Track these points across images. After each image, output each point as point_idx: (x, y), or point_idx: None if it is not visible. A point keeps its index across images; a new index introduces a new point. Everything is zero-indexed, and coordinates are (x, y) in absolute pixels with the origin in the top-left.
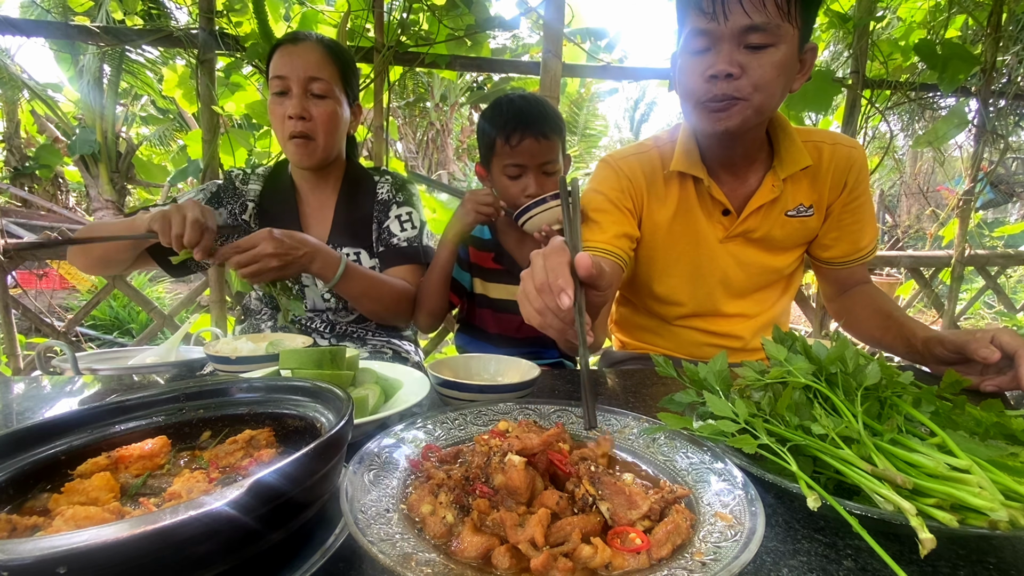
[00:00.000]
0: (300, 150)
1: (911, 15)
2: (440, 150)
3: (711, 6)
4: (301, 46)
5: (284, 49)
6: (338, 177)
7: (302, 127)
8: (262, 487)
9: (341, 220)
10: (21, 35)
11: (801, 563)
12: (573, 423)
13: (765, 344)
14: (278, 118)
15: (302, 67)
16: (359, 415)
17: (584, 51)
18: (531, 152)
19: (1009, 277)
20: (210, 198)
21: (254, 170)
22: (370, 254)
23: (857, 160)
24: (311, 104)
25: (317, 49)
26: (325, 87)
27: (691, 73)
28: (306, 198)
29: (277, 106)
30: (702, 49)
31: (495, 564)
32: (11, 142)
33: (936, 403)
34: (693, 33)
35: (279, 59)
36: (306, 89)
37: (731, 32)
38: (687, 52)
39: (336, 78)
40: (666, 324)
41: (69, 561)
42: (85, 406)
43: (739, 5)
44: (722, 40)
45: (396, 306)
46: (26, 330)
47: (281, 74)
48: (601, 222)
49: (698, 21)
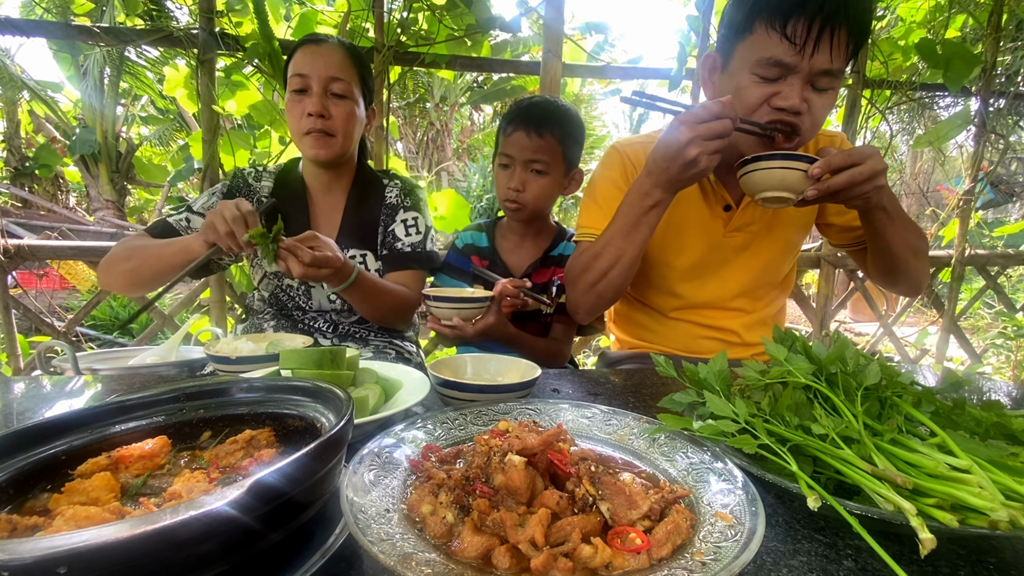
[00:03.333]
0: (317, 143)
1: (911, 15)
2: (440, 150)
3: (802, 41)
4: (324, 46)
5: (307, 48)
6: (349, 179)
7: (321, 124)
8: (262, 487)
9: (349, 222)
10: (21, 35)
11: (801, 563)
12: (573, 423)
13: (765, 344)
14: (296, 115)
15: (324, 67)
16: (359, 415)
17: (584, 51)
18: (519, 145)
19: (1009, 277)
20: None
21: (266, 167)
22: (375, 256)
23: (841, 144)
24: (331, 103)
25: (339, 51)
26: (345, 87)
27: (755, 94)
28: (317, 199)
29: (296, 103)
30: (773, 78)
31: (495, 564)
32: (11, 142)
33: (936, 403)
34: (770, 61)
35: (301, 58)
36: (326, 88)
37: (809, 70)
38: (752, 73)
39: (356, 80)
40: (663, 317)
41: (69, 561)
42: (85, 406)
43: (828, 47)
44: (797, 75)
45: (396, 312)
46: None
47: (302, 72)
48: (605, 208)
49: (780, 51)
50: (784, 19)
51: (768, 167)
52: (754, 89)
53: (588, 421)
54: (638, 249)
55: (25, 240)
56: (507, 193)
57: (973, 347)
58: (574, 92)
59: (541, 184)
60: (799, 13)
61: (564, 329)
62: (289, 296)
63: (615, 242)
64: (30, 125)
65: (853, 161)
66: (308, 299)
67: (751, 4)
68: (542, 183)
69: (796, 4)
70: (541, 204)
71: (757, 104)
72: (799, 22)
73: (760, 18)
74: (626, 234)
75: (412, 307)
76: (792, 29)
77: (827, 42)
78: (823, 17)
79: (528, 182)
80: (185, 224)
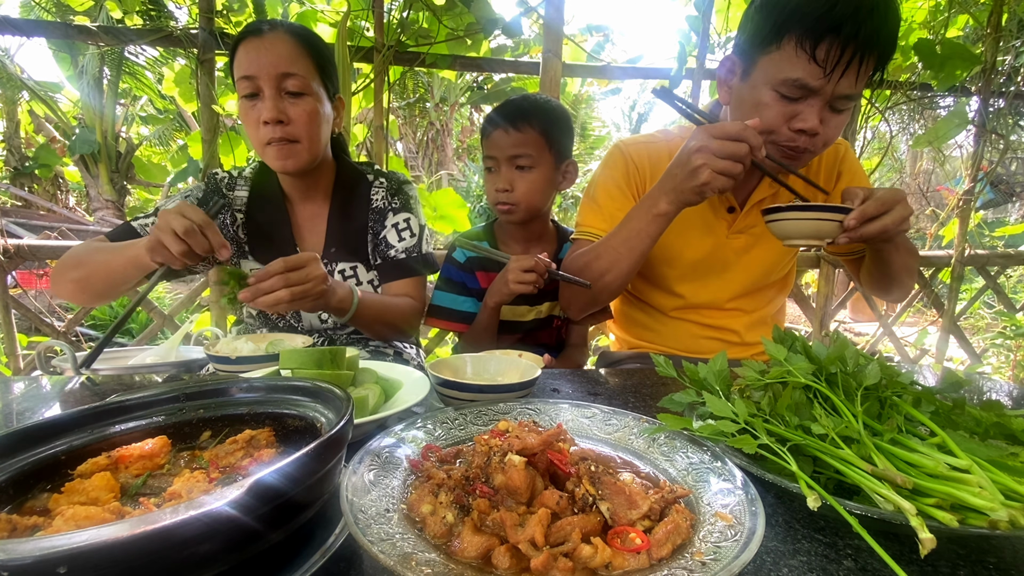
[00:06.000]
0: (281, 153)
1: (911, 15)
2: (440, 150)
3: (832, 65)
4: (268, 39)
5: (248, 44)
6: (329, 181)
7: (281, 132)
8: (262, 487)
9: (335, 232)
10: (21, 35)
11: (801, 563)
12: (574, 422)
13: (765, 344)
14: (251, 123)
15: (272, 63)
16: (359, 415)
17: (584, 51)
18: (499, 144)
19: (1009, 277)
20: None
21: (240, 173)
22: (367, 267)
23: (844, 153)
24: (287, 105)
25: (287, 40)
26: (301, 83)
27: (775, 113)
28: (298, 206)
29: (249, 110)
30: (794, 97)
31: (495, 564)
32: (11, 142)
33: (936, 403)
34: (796, 83)
35: (244, 56)
36: (279, 88)
37: (831, 93)
38: (774, 90)
39: (312, 71)
40: (663, 316)
41: (69, 561)
42: (85, 406)
43: (855, 73)
44: (819, 96)
45: (402, 327)
46: (26, 330)
47: (249, 74)
48: (605, 207)
49: (807, 74)
50: (815, 41)
51: (802, 218)
52: (775, 107)
53: (588, 421)
54: (637, 258)
55: (25, 240)
56: (496, 196)
57: (973, 347)
58: (573, 92)
59: (529, 180)
60: (832, 37)
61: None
62: (280, 315)
63: (615, 247)
64: (30, 125)
65: (886, 208)
66: (298, 320)
67: (782, 16)
68: (530, 178)
69: (830, 28)
70: (534, 201)
71: (776, 124)
72: (831, 46)
73: (790, 34)
74: (627, 240)
75: (418, 315)
76: (823, 52)
77: (855, 68)
78: (856, 44)
79: (515, 180)
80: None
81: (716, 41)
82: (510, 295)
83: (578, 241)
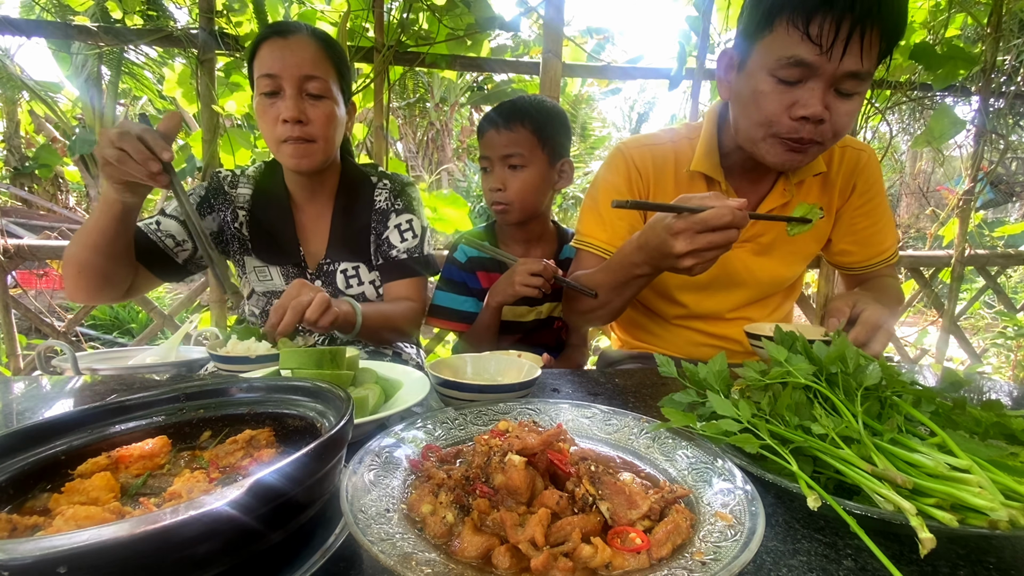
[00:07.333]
0: (297, 152)
1: (911, 15)
2: (440, 150)
3: (829, 42)
4: (293, 40)
5: (273, 43)
6: (334, 182)
7: (299, 131)
8: (262, 487)
9: (338, 232)
10: (21, 35)
11: (801, 563)
12: (573, 422)
13: (766, 344)
14: (269, 121)
15: (296, 65)
16: (359, 415)
17: (584, 51)
18: (491, 144)
19: (1009, 277)
20: (199, 203)
21: (243, 172)
22: (369, 267)
23: (866, 163)
24: (308, 106)
25: (311, 44)
26: (322, 86)
27: (774, 101)
28: (302, 206)
29: (268, 108)
30: (793, 80)
31: (495, 564)
32: (11, 142)
33: (936, 403)
34: (792, 61)
35: (268, 55)
36: (301, 89)
37: (833, 72)
38: (772, 76)
39: (332, 75)
40: (665, 323)
41: (69, 561)
42: (85, 406)
43: (858, 49)
44: (820, 78)
45: (405, 330)
46: (26, 330)
47: (271, 72)
48: (607, 217)
49: (803, 51)
50: (807, 17)
51: None
52: (773, 97)
53: (588, 421)
54: (625, 301)
55: (25, 240)
56: (491, 196)
57: (973, 347)
58: (573, 92)
59: (522, 178)
60: (824, 11)
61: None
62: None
63: (605, 288)
64: (30, 125)
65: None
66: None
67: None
68: (523, 177)
69: (821, 2)
70: (528, 200)
71: (776, 114)
72: (825, 21)
73: (781, 15)
74: (614, 287)
75: (419, 317)
76: (816, 29)
77: (856, 44)
78: (853, 17)
79: (508, 179)
80: (155, 227)
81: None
82: (514, 296)
83: (581, 252)
